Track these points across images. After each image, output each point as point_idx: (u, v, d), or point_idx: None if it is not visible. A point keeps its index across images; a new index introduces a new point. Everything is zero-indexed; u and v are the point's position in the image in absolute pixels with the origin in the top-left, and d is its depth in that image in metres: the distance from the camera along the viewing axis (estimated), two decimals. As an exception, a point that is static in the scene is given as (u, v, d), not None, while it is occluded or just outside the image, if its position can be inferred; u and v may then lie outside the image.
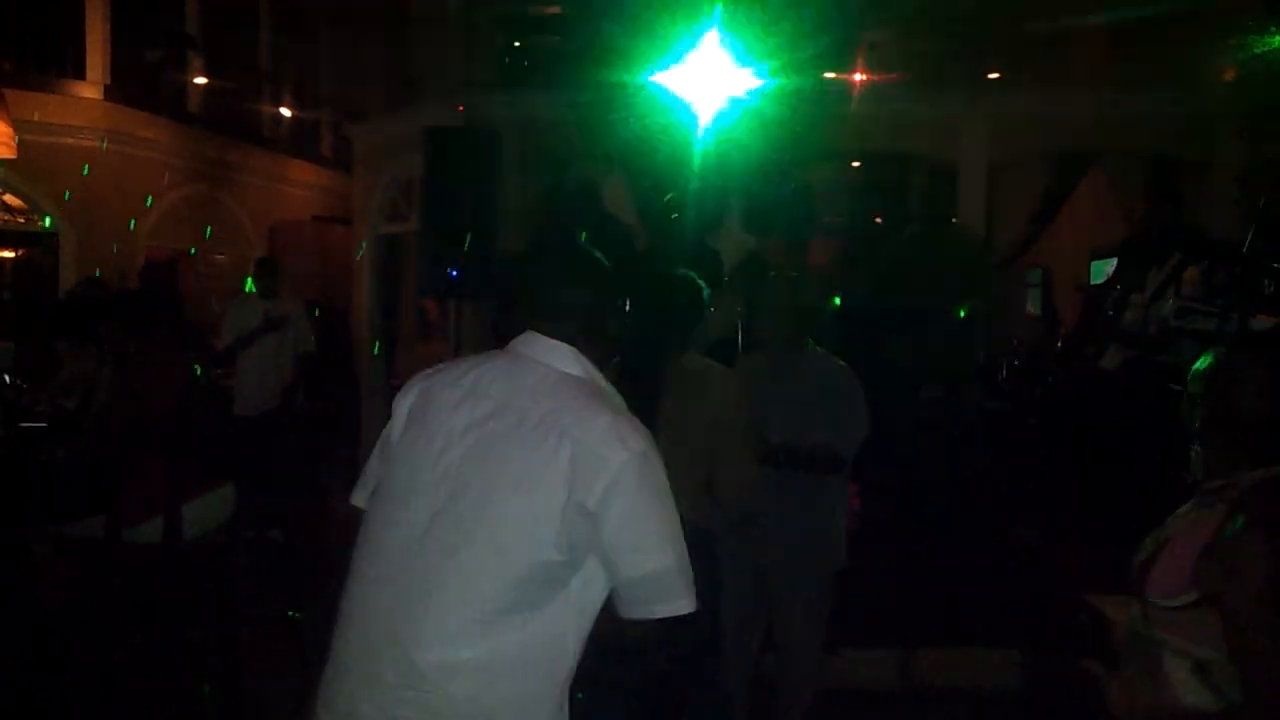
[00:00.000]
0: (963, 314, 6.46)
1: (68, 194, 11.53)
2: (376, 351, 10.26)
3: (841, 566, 3.84)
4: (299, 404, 7.57)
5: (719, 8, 9.44)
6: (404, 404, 2.08)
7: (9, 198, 11.73)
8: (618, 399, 2.05)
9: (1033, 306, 8.61)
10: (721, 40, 9.29)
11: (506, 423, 1.92)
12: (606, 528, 1.85)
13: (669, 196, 6.95)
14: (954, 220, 6.76)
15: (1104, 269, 7.36)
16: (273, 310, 7.07)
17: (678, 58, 9.47)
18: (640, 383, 3.30)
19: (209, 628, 4.54)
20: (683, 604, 1.90)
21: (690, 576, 1.92)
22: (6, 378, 5.41)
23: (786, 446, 3.61)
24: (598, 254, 2.19)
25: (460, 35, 10.32)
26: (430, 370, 2.13)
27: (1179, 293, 5.33)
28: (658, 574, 1.89)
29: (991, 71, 10.49)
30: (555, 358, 2.02)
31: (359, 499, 2.13)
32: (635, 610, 1.90)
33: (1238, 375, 2.02)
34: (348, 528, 2.12)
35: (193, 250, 13.12)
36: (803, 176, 8.77)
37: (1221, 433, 2.05)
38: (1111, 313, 5.60)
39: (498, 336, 2.15)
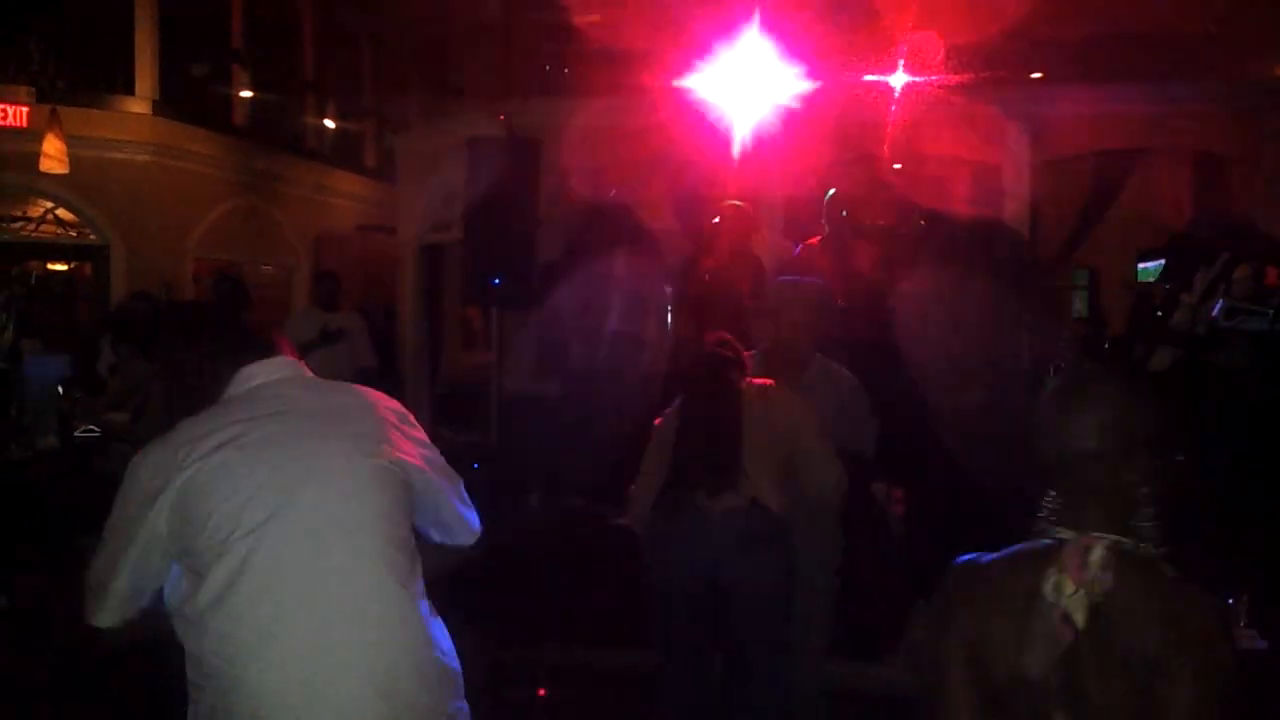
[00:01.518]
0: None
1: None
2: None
3: (838, 566, 3.87)
4: None
5: (759, 10, 9.45)
6: (163, 506, 2.03)
7: (61, 212, 11.96)
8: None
9: (1080, 308, 8.51)
10: (762, 43, 9.29)
11: (310, 432, 2.12)
12: (420, 474, 2.18)
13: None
14: (998, 218, 6.67)
15: (1151, 269, 7.26)
16: (331, 323, 7.10)
17: (718, 62, 9.47)
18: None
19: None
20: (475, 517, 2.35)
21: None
22: (60, 389, 5.51)
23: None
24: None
25: (500, 44, 10.38)
26: (162, 460, 2.08)
27: (1229, 292, 5.25)
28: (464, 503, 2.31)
29: (1035, 71, 10.40)
30: (281, 370, 2.23)
31: (105, 618, 2.22)
32: (463, 536, 2.32)
33: (1064, 412, 1.66)
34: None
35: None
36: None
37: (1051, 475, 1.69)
38: (1160, 313, 5.52)
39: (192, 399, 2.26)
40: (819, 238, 7.02)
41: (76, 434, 5.42)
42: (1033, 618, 1.58)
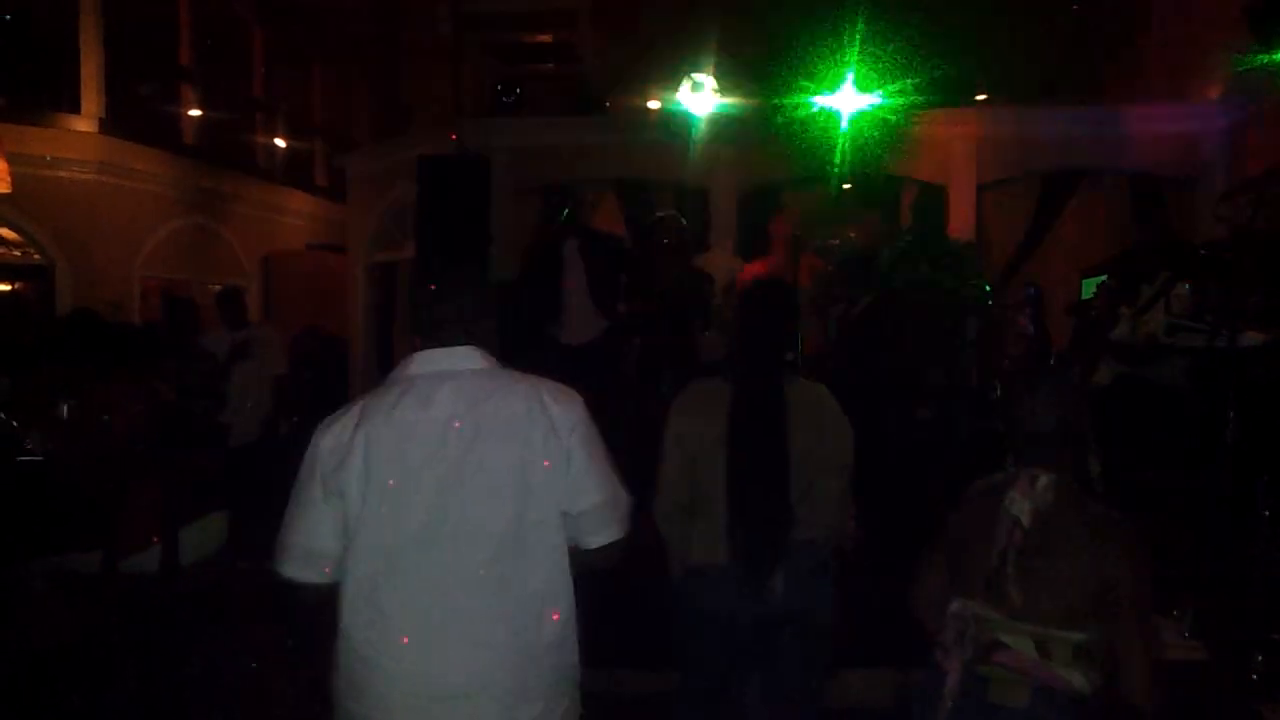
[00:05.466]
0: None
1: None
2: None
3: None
4: (283, 432, 7.43)
5: (715, 32, 9.55)
6: (332, 462, 2.19)
7: (4, 231, 11.76)
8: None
9: (1025, 325, 8.61)
10: (713, 64, 9.37)
11: (469, 428, 2.15)
12: (575, 466, 2.21)
13: (660, 215, 6.91)
14: (945, 232, 6.75)
15: (1094, 287, 7.39)
16: (238, 339, 7.05)
17: (672, 82, 9.54)
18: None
19: (207, 660, 4.53)
20: (617, 530, 2.29)
21: (623, 510, 2.30)
22: (1, 413, 5.39)
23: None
24: (474, 272, 2.49)
25: (451, 64, 10.38)
26: (331, 425, 2.23)
27: (1169, 309, 5.35)
28: (605, 504, 2.26)
29: (979, 92, 10.58)
30: (462, 361, 2.26)
31: (306, 573, 2.28)
32: (592, 539, 2.26)
33: (1020, 394, 2.50)
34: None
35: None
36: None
37: (1017, 442, 2.49)
38: (1097, 321, 5.62)
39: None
40: (767, 260, 7.08)
41: (18, 459, 5.31)
42: (996, 525, 2.40)
